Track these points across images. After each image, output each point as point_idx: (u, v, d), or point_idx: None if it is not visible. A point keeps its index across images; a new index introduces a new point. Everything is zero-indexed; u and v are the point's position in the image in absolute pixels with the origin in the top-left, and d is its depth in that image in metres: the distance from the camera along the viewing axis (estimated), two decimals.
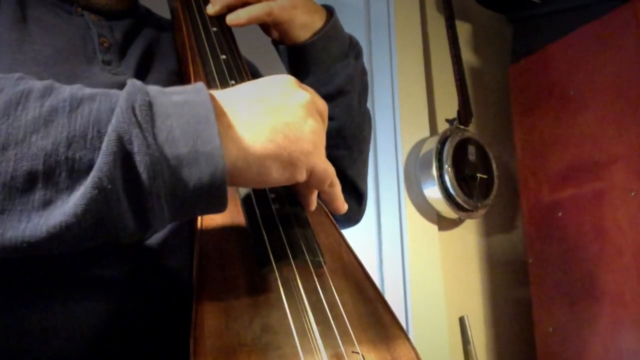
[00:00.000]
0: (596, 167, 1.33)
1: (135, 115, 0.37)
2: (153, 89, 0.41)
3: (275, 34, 0.72)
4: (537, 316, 1.44)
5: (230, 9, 0.69)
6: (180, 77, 0.64)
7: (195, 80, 0.60)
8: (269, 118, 0.43)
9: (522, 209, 1.52)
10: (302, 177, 0.46)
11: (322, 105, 0.50)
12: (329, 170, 0.49)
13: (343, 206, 0.54)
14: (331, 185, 0.50)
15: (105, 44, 0.61)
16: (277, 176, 0.44)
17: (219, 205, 0.41)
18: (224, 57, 0.63)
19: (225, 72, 0.61)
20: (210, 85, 0.60)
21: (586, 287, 1.32)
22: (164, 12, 0.73)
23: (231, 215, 0.53)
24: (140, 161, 0.36)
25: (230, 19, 0.67)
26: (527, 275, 1.48)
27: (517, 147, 1.54)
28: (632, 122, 1.26)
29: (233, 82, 0.60)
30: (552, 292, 1.40)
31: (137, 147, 0.36)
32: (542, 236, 1.45)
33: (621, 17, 1.30)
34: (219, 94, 0.44)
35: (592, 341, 1.29)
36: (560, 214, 1.40)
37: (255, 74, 0.74)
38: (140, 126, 0.37)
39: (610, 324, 1.26)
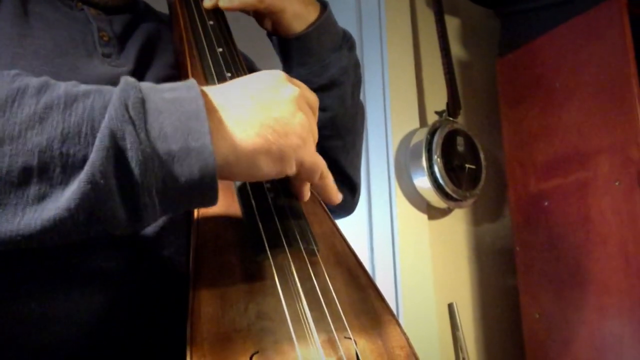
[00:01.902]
0: (581, 157, 1.34)
1: (128, 112, 0.38)
2: (145, 86, 0.41)
3: (269, 25, 0.72)
4: (523, 303, 1.46)
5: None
6: (178, 70, 0.64)
7: (192, 73, 0.61)
8: (259, 113, 0.44)
9: (509, 198, 1.53)
10: (291, 170, 0.46)
11: (313, 98, 0.51)
12: (319, 162, 0.49)
13: (336, 197, 0.54)
14: (322, 177, 0.51)
15: (104, 38, 0.61)
16: (267, 170, 0.44)
17: (209, 200, 0.42)
18: (220, 50, 0.63)
19: (222, 64, 0.62)
20: (207, 77, 0.60)
21: (572, 275, 1.34)
22: (164, 9, 0.73)
23: (227, 204, 0.53)
24: (132, 157, 0.37)
25: (223, 2, 0.68)
26: (514, 263, 1.50)
27: (505, 138, 1.56)
28: (616, 114, 1.27)
29: (229, 74, 0.61)
30: (539, 279, 1.42)
31: (129, 144, 0.37)
32: (529, 225, 1.46)
33: (606, 12, 1.31)
34: (210, 90, 0.45)
35: (577, 327, 1.32)
36: (546, 204, 1.42)
37: (251, 67, 0.74)
38: (133, 123, 0.37)
39: (595, 310, 1.28)
